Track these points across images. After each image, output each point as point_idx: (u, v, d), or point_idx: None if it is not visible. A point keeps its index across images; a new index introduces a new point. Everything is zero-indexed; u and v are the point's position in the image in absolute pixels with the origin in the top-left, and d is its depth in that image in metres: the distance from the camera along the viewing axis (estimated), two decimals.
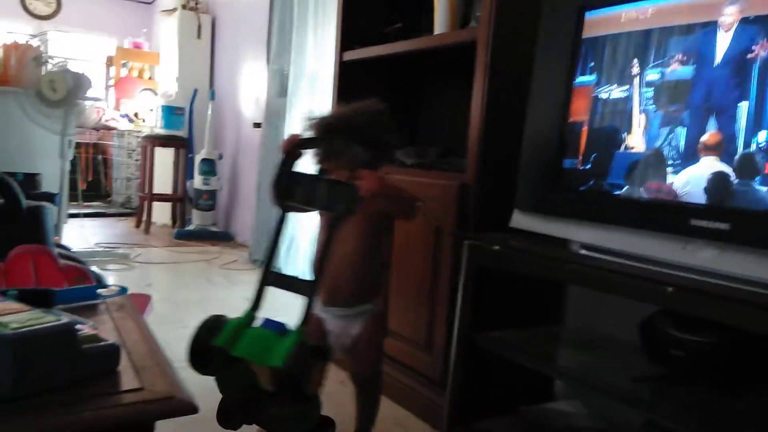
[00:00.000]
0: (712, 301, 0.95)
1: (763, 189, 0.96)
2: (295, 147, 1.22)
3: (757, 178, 0.97)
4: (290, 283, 1.18)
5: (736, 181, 1.00)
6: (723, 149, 1.02)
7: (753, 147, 0.98)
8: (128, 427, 0.70)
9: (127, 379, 0.76)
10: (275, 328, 1.08)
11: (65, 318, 0.77)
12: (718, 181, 1.02)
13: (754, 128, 0.98)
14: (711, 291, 0.97)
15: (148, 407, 0.69)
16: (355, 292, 1.39)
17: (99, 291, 1.13)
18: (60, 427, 0.65)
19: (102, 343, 0.77)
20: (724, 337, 1.12)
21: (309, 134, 1.35)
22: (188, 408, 0.71)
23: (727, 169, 1.01)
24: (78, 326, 0.79)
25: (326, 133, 1.34)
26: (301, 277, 1.21)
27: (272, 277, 1.19)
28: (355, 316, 1.39)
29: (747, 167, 0.98)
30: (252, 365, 1.04)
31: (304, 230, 3.24)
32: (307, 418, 1.07)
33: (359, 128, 1.34)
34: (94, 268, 1.88)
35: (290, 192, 1.18)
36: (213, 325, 1.10)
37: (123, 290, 1.14)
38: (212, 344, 1.05)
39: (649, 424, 1.44)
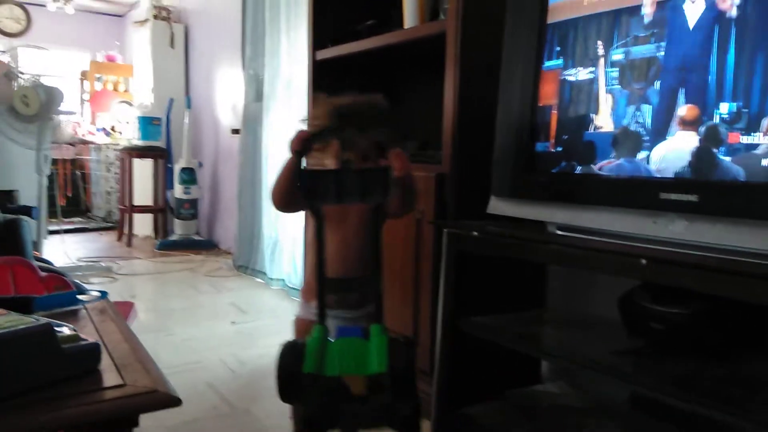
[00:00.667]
0: (683, 270, 0.97)
1: (728, 159, 0.99)
2: (305, 142, 1.15)
3: (722, 149, 1.00)
4: (348, 286, 1.20)
5: (702, 153, 1.02)
6: (688, 123, 1.04)
7: (716, 119, 1.00)
8: (112, 422, 0.70)
9: (109, 377, 0.76)
10: (353, 333, 1.04)
11: (44, 320, 0.77)
12: (684, 154, 1.05)
13: (716, 101, 1.00)
14: (682, 261, 0.99)
15: (131, 401, 0.70)
16: (365, 291, 1.28)
17: (79, 297, 1.13)
18: (43, 426, 0.65)
19: (82, 343, 0.77)
20: (700, 308, 1.14)
21: (317, 127, 1.28)
22: (171, 401, 0.72)
23: (693, 141, 1.03)
24: (57, 328, 0.79)
25: (342, 122, 1.26)
26: (345, 277, 1.22)
27: (330, 284, 1.13)
28: (360, 318, 1.30)
29: (712, 139, 1.01)
30: (343, 377, 1.00)
31: (287, 232, 3.24)
32: (420, 410, 1.06)
33: (375, 114, 1.30)
34: (76, 281, 1.87)
35: (315, 191, 1.10)
36: (293, 353, 1.03)
37: (103, 294, 1.14)
38: (303, 372, 1.00)
39: (633, 401, 1.46)
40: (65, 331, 0.79)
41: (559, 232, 1.27)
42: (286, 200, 1.26)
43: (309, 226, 1.40)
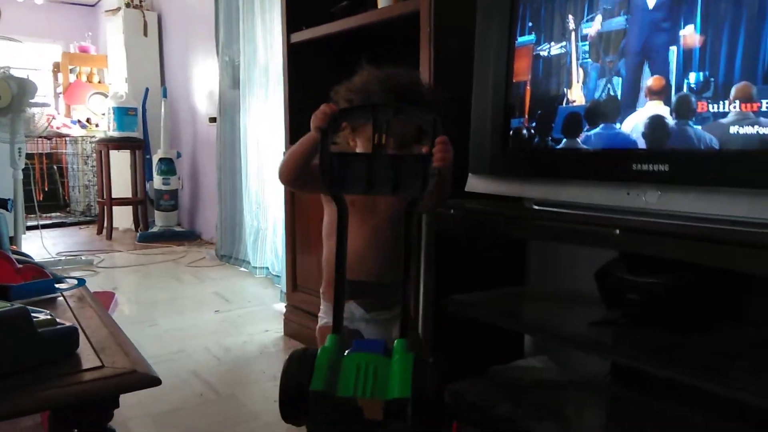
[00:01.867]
0: (656, 239, 0.99)
1: (697, 128, 1.00)
2: (332, 119, 1.02)
3: (691, 118, 1.01)
4: (370, 291, 1.04)
5: (672, 123, 1.04)
6: (659, 93, 1.06)
7: (685, 89, 1.01)
8: (92, 404, 0.70)
9: (88, 359, 0.76)
10: (373, 348, 0.91)
11: (19, 305, 0.76)
12: (655, 125, 1.06)
13: (684, 70, 1.01)
14: (654, 229, 1.01)
15: (110, 382, 0.70)
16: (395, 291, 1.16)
17: (56, 285, 1.12)
18: (21, 408, 0.65)
19: (59, 327, 0.77)
20: (675, 278, 1.16)
21: (349, 102, 1.15)
22: (151, 381, 0.72)
23: (664, 112, 1.05)
24: (34, 314, 0.78)
25: (385, 98, 1.12)
26: (373, 280, 1.07)
27: (350, 288, 0.99)
28: (396, 317, 1.14)
29: (682, 109, 1.02)
30: (358, 399, 0.86)
31: (269, 220, 3.23)
32: None
33: (423, 93, 1.16)
34: (54, 272, 1.85)
35: (342, 177, 0.97)
36: (300, 365, 0.89)
37: (80, 282, 1.13)
38: (310, 389, 0.86)
39: (613, 373, 1.49)
40: (41, 316, 0.79)
41: (536, 207, 1.28)
42: (297, 178, 1.16)
43: (327, 215, 1.25)
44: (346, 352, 0.92)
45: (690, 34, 1.00)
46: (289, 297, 2.31)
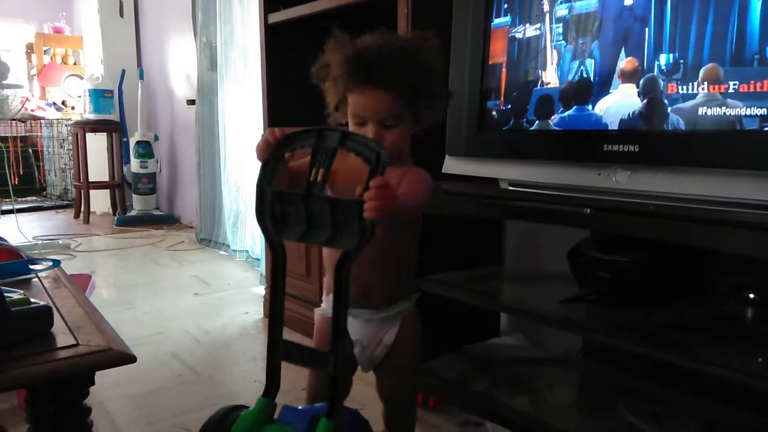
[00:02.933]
0: (624, 217, 1.02)
1: (667, 110, 1.02)
2: (279, 148, 0.88)
3: (662, 100, 1.03)
4: (306, 357, 0.86)
5: (642, 104, 1.06)
6: (628, 75, 1.07)
7: (656, 71, 1.03)
8: (67, 381, 0.70)
9: (62, 338, 0.76)
10: (297, 421, 0.82)
11: None
12: (626, 106, 1.08)
13: (654, 52, 1.03)
14: (622, 208, 1.03)
15: (85, 360, 0.70)
16: (388, 294, 1.11)
17: (31, 266, 1.11)
18: None
19: (32, 306, 0.77)
20: (643, 255, 1.20)
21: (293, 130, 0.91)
22: (126, 358, 0.72)
23: (634, 93, 1.06)
24: (7, 293, 0.78)
25: (365, 74, 0.97)
26: (320, 349, 0.91)
27: (285, 349, 0.87)
28: (389, 318, 1.11)
29: (651, 90, 1.04)
30: None
31: (248, 203, 3.22)
32: None
33: (417, 66, 1.00)
34: (29, 255, 1.83)
35: (283, 219, 0.85)
36: (222, 425, 0.83)
37: (55, 263, 1.12)
38: None
39: (585, 350, 1.53)
40: (14, 296, 0.79)
41: (511, 188, 1.30)
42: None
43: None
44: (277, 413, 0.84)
45: (661, 16, 1.02)
46: (269, 279, 2.32)
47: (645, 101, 1.05)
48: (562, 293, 1.31)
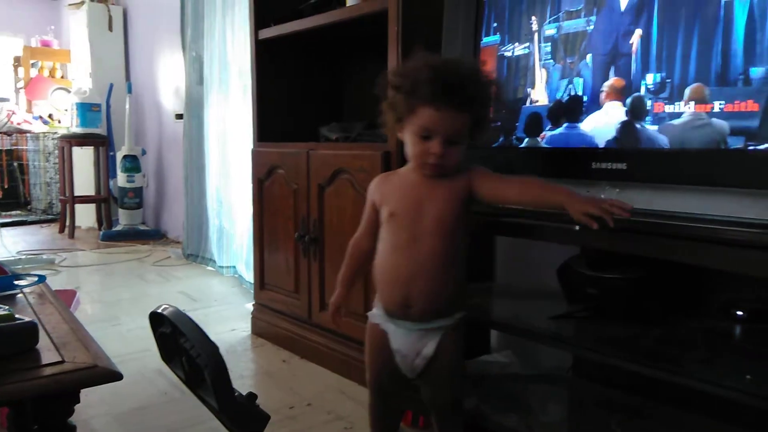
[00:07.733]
0: (613, 234, 1.02)
1: (654, 128, 1.04)
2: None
3: (647, 118, 1.04)
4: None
5: (629, 123, 1.07)
6: (617, 94, 1.09)
7: (643, 90, 1.05)
8: (53, 398, 0.69)
9: (48, 355, 0.75)
10: None
11: None
12: (613, 124, 1.09)
13: (641, 72, 1.05)
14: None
15: (70, 377, 0.69)
16: (433, 304, 1.12)
17: (16, 282, 1.10)
18: None
19: (17, 322, 0.76)
20: (633, 272, 1.20)
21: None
22: (112, 375, 0.71)
23: (621, 112, 1.08)
24: None
25: (438, 88, 1.04)
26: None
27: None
28: (429, 332, 1.13)
29: (638, 109, 1.06)
30: None
31: (234, 220, 3.20)
32: None
33: (480, 89, 1.10)
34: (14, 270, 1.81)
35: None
36: None
37: (41, 278, 1.11)
38: None
39: (575, 367, 1.53)
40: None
41: (501, 205, 1.30)
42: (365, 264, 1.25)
43: (382, 230, 1.19)
44: None
45: (648, 36, 1.03)
46: (257, 295, 2.30)
47: (631, 120, 1.06)
48: (553, 310, 1.31)
